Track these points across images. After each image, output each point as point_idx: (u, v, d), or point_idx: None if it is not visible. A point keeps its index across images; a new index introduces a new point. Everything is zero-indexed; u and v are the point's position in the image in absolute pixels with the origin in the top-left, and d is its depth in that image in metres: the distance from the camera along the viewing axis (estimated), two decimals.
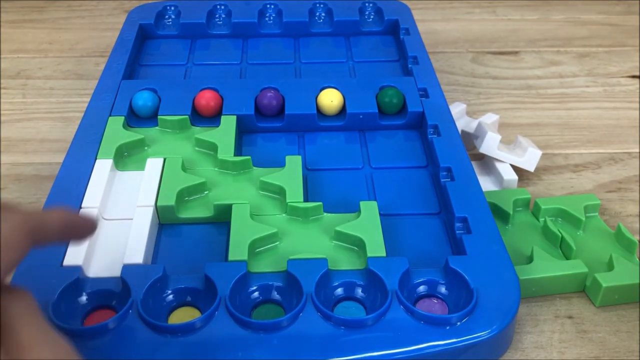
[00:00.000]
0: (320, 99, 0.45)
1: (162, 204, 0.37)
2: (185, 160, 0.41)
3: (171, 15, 0.58)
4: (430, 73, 0.49)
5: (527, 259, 0.38)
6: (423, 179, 0.41)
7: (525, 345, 0.34)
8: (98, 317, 0.32)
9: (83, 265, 0.33)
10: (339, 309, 0.33)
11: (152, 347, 0.30)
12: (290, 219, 0.37)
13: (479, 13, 0.69)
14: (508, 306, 0.32)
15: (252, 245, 0.35)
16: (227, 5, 0.58)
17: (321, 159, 0.43)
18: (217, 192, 0.39)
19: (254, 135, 0.45)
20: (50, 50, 0.61)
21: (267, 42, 0.56)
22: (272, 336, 0.30)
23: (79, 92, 0.55)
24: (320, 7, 0.58)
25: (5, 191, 0.44)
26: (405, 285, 0.33)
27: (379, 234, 0.35)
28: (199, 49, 0.55)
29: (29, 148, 0.48)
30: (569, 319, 0.35)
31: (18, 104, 0.53)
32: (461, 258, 0.34)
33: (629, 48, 0.62)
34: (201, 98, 0.45)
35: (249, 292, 0.33)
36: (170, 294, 0.33)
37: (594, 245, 0.39)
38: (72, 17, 0.67)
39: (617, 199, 0.44)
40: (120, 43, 0.53)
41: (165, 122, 0.44)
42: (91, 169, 0.39)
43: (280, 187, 0.38)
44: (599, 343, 0.34)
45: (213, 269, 0.33)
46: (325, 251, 0.35)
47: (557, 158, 0.48)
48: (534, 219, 0.41)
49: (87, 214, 0.33)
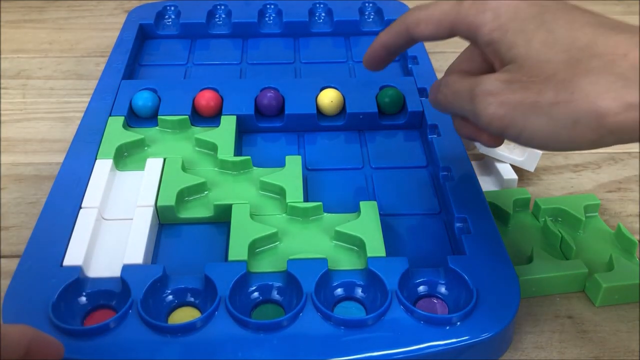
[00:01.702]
0: (320, 99, 0.45)
1: (162, 204, 0.37)
2: (185, 160, 0.41)
3: (171, 15, 0.58)
4: (430, 73, 0.49)
5: (527, 259, 0.38)
6: (423, 179, 0.41)
7: (525, 345, 0.34)
8: (98, 317, 0.32)
9: (83, 265, 0.33)
10: (339, 309, 0.33)
11: (152, 347, 0.30)
12: (290, 219, 0.37)
13: None
14: (508, 306, 0.32)
15: (252, 245, 0.35)
16: (227, 5, 0.58)
17: (321, 159, 0.43)
18: (217, 192, 0.39)
19: (254, 135, 0.45)
20: (50, 50, 0.61)
21: (267, 42, 0.56)
22: (272, 336, 0.30)
23: (79, 92, 0.55)
24: (320, 7, 0.58)
25: (5, 191, 0.44)
26: (405, 285, 0.33)
27: (379, 234, 0.35)
28: (199, 49, 0.55)
29: (29, 148, 0.48)
30: (569, 319, 0.35)
31: (18, 104, 0.53)
32: (461, 258, 0.34)
33: None
34: (201, 98, 0.45)
35: (249, 292, 0.33)
36: (170, 294, 0.33)
37: (594, 245, 0.39)
38: (72, 17, 0.67)
39: (617, 199, 0.44)
40: (120, 43, 0.53)
41: (165, 122, 0.44)
42: (91, 169, 0.39)
43: (280, 187, 0.38)
44: (599, 343, 0.34)
45: (213, 269, 0.33)
46: (325, 251, 0.35)
47: (557, 158, 0.48)
48: (534, 219, 0.41)
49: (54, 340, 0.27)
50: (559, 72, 0.27)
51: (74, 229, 0.35)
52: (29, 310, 0.31)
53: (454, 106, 0.32)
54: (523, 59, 0.28)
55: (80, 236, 0.35)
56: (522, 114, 0.28)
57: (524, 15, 0.29)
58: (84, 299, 0.32)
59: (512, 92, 0.28)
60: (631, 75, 0.25)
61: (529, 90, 0.28)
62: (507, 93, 0.28)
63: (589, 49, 0.27)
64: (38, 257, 0.34)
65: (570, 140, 0.27)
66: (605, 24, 0.28)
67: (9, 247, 0.40)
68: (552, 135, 0.27)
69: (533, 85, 0.28)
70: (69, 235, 0.35)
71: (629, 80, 0.25)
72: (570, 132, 0.26)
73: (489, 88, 0.29)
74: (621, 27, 0.27)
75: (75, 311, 0.32)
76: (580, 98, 0.26)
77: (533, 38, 0.28)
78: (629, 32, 0.27)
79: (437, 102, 0.34)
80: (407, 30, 0.34)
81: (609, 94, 0.25)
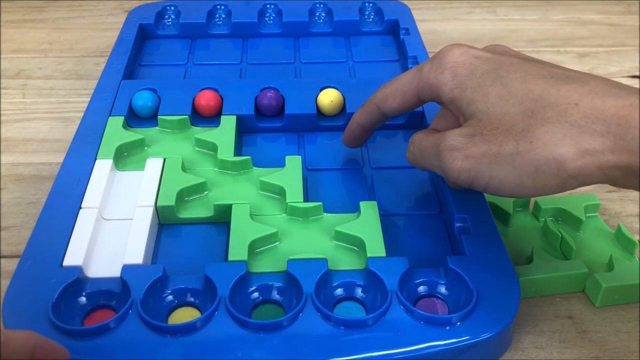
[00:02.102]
0: (320, 99, 0.45)
1: (162, 204, 0.37)
2: (185, 160, 0.41)
3: (171, 15, 0.58)
4: None
5: (527, 259, 0.38)
6: (423, 179, 0.41)
7: (525, 345, 0.34)
8: (98, 317, 0.32)
9: (83, 265, 0.33)
10: (338, 309, 0.33)
11: (152, 347, 0.30)
12: (290, 219, 0.37)
13: (479, 13, 0.69)
14: (508, 306, 0.32)
15: (252, 246, 0.35)
16: (227, 5, 0.58)
17: (321, 159, 0.43)
18: (217, 192, 0.39)
19: (254, 135, 0.45)
20: (50, 50, 0.61)
21: (267, 42, 0.56)
22: (272, 336, 0.30)
23: (79, 92, 0.55)
24: (320, 7, 0.58)
25: (5, 191, 0.44)
26: (405, 285, 0.33)
27: (379, 234, 0.35)
28: (199, 49, 0.55)
29: (29, 148, 0.48)
30: (569, 319, 0.35)
31: (18, 104, 0.53)
32: (461, 258, 0.34)
33: (629, 48, 0.62)
34: (201, 98, 0.45)
35: (249, 292, 0.33)
36: (170, 294, 0.33)
37: (594, 245, 0.39)
38: (72, 17, 0.67)
39: (617, 199, 0.44)
40: (120, 43, 0.53)
41: (165, 122, 0.44)
42: (91, 169, 0.39)
43: (280, 187, 0.38)
44: (599, 343, 0.34)
45: (213, 269, 0.33)
46: (325, 251, 0.35)
47: None
48: (534, 219, 0.41)
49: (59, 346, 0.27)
50: (516, 123, 0.29)
51: (73, 229, 0.35)
52: (29, 311, 0.31)
53: (422, 163, 0.34)
54: (482, 113, 0.30)
55: (80, 236, 0.35)
56: (487, 165, 0.29)
57: (479, 72, 0.31)
58: (83, 299, 0.32)
59: (474, 145, 0.30)
60: (583, 123, 0.27)
61: (490, 143, 0.29)
62: (470, 146, 0.30)
63: (542, 99, 0.28)
64: (38, 257, 0.34)
65: (536, 187, 0.28)
66: (557, 75, 0.29)
67: (9, 247, 0.40)
68: (517, 183, 0.29)
69: (494, 137, 0.29)
70: (68, 235, 0.35)
71: (583, 128, 0.27)
72: (533, 179, 0.28)
73: (453, 143, 0.31)
74: (572, 77, 0.29)
75: (75, 311, 0.32)
76: (539, 147, 0.27)
77: (490, 93, 0.30)
78: (579, 82, 0.28)
79: (408, 160, 0.36)
80: (377, 108, 0.37)
81: (565, 142, 0.27)
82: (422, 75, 0.34)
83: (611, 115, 0.26)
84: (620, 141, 0.26)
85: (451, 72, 0.32)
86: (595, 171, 0.27)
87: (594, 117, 0.27)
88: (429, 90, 0.33)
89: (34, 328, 0.30)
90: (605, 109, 0.27)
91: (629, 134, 0.26)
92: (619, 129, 0.26)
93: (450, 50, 0.33)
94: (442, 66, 0.32)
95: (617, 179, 0.27)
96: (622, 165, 0.26)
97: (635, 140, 0.26)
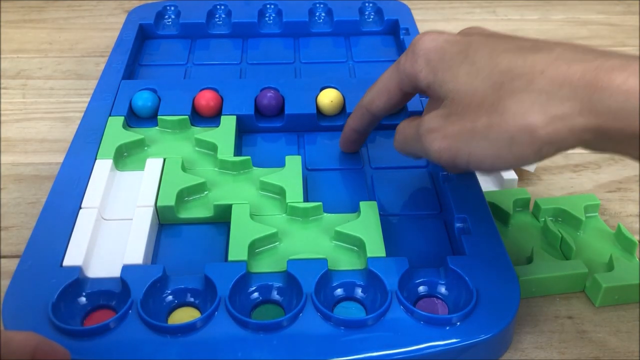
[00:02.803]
0: (320, 99, 0.45)
1: (162, 204, 0.37)
2: (185, 161, 0.41)
3: (171, 15, 0.58)
4: None
5: (527, 259, 0.38)
6: (423, 179, 0.41)
7: (525, 345, 0.34)
8: (98, 317, 0.32)
9: (83, 265, 0.33)
10: (338, 309, 0.33)
11: (152, 347, 0.30)
12: (290, 219, 0.37)
13: (479, 13, 0.69)
14: (508, 306, 0.32)
15: (252, 246, 0.35)
16: (227, 5, 0.58)
17: (321, 159, 0.43)
18: (217, 192, 0.39)
19: (254, 135, 0.45)
20: (50, 50, 0.61)
21: (267, 42, 0.56)
22: (272, 336, 0.30)
23: (79, 92, 0.55)
24: (320, 7, 0.58)
25: (5, 191, 0.44)
26: (405, 286, 0.33)
27: (379, 234, 0.35)
28: (199, 49, 0.55)
29: (29, 148, 0.48)
30: (569, 319, 0.35)
31: (18, 104, 0.53)
32: (461, 258, 0.34)
33: (629, 48, 0.62)
34: (201, 98, 0.45)
35: (249, 293, 0.33)
36: (170, 294, 0.33)
37: (594, 245, 0.39)
38: (72, 17, 0.67)
39: (617, 199, 0.44)
40: (120, 43, 0.53)
41: (165, 122, 0.44)
42: (91, 169, 0.39)
43: (280, 187, 0.38)
44: (599, 343, 0.34)
45: (213, 269, 0.33)
46: (325, 251, 0.35)
47: (557, 158, 0.48)
48: (534, 219, 0.41)
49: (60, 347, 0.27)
50: (486, 97, 0.29)
51: (73, 229, 0.35)
52: (29, 311, 0.31)
53: (408, 150, 0.35)
54: (454, 92, 0.31)
55: (80, 236, 0.35)
56: (464, 142, 0.30)
57: (449, 55, 0.32)
58: (83, 299, 0.32)
59: (451, 124, 0.30)
60: (550, 89, 0.27)
61: (465, 120, 0.30)
62: (447, 126, 0.31)
63: (509, 71, 0.29)
64: (38, 257, 0.34)
65: (514, 157, 0.28)
66: (523, 47, 0.30)
67: (8, 247, 0.40)
68: (496, 155, 0.29)
69: (467, 114, 0.30)
70: (68, 235, 0.35)
71: (550, 94, 0.27)
72: (510, 149, 0.28)
73: (430, 125, 0.31)
74: (539, 47, 0.29)
75: (75, 311, 0.32)
76: (509, 117, 0.28)
77: (459, 72, 0.31)
78: (546, 51, 0.28)
79: (396, 149, 0.37)
80: (367, 111, 0.38)
81: (534, 109, 0.27)
82: (400, 67, 0.35)
83: (577, 79, 0.26)
84: (588, 104, 0.26)
85: (424, 59, 0.33)
86: (567, 135, 0.27)
87: (560, 83, 0.27)
88: (408, 80, 0.34)
89: (34, 328, 0.30)
90: (571, 74, 0.27)
91: (595, 96, 0.26)
92: (585, 91, 0.26)
93: (421, 38, 0.34)
94: (415, 54, 0.33)
95: (591, 142, 0.27)
96: (591, 128, 0.26)
97: (601, 102, 0.26)
